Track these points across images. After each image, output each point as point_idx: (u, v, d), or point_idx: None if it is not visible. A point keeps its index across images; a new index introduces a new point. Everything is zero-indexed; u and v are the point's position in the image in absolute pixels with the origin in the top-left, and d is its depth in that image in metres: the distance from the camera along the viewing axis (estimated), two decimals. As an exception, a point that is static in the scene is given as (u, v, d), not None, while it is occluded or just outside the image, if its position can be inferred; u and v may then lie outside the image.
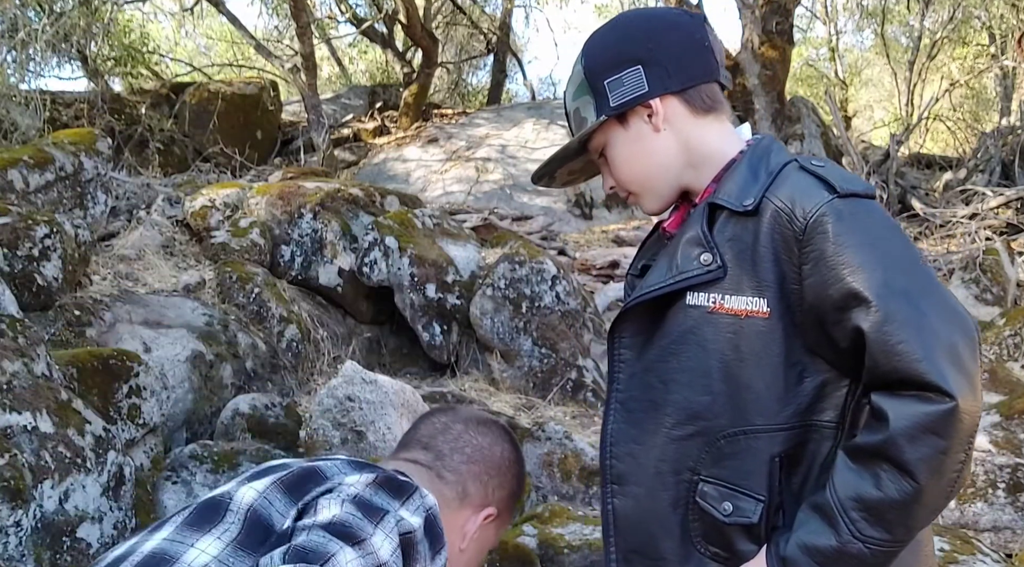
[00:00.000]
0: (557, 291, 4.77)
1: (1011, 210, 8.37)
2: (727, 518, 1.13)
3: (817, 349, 1.10)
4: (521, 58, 14.29)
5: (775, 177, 1.14)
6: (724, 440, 1.13)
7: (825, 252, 1.05)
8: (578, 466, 3.58)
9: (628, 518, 1.22)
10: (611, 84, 1.22)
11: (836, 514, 1.04)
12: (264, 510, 1.00)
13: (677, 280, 1.16)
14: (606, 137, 1.26)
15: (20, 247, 3.44)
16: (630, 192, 1.29)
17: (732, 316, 1.12)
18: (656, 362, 1.19)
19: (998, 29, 11.15)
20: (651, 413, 1.19)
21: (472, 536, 1.23)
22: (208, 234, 4.79)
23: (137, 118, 8.42)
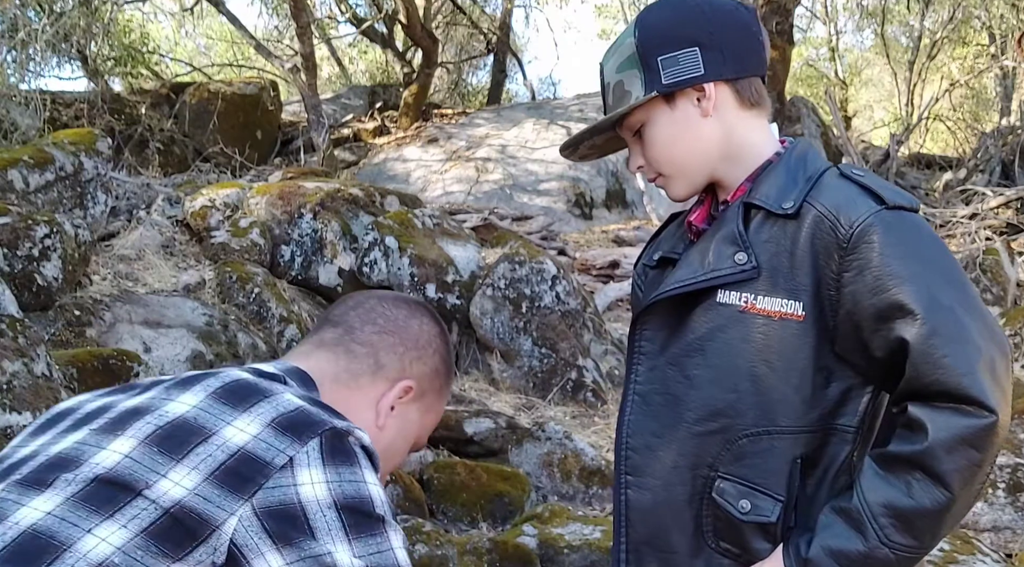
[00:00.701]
0: (557, 291, 4.77)
1: (1011, 210, 8.37)
2: (744, 516, 1.14)
3: (846, 355, 1.12)
4: (521, 58, 14.30)
5: (815, 182, 1.15)
6: (746, 438, 1.14)
7: (871, 262, 1.07)
8: (578, 466, 3.58)
9: (642, 510, 1.22)
10: (665, 62, 1.19)
11: (865, 520, 1.06)
12: (130, 472, 0.86)
13: (709, 277, 1.16)
14: (648, 115, 1.22)
15: (20, 247, 3.44)
16: (661, 174, 1.26)
17: (765, 317, 1.13)
18: (681, 357, 1.19)
19: (998, 29, 11.16)
20: (672, 407, 1.19)
21: (389, 412, 1.12)
22: (208, 234, 4.79)
23: (137, 118, 8.42)
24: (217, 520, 0.84)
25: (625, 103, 1.21)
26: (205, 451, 0.87)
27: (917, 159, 11.73)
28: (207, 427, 0.89)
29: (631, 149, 1.27)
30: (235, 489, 0.85)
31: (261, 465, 0.87)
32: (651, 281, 1.34)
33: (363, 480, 0.91)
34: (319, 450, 0.89)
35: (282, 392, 0.95)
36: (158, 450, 0.87)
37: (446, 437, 3.74)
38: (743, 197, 1.19)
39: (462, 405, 4.11)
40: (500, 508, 3.27)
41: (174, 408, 0.92)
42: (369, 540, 0.89)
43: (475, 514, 3.24)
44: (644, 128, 1.23)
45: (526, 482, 3.41)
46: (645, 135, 1.23)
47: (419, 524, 2.86)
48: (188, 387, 0.95)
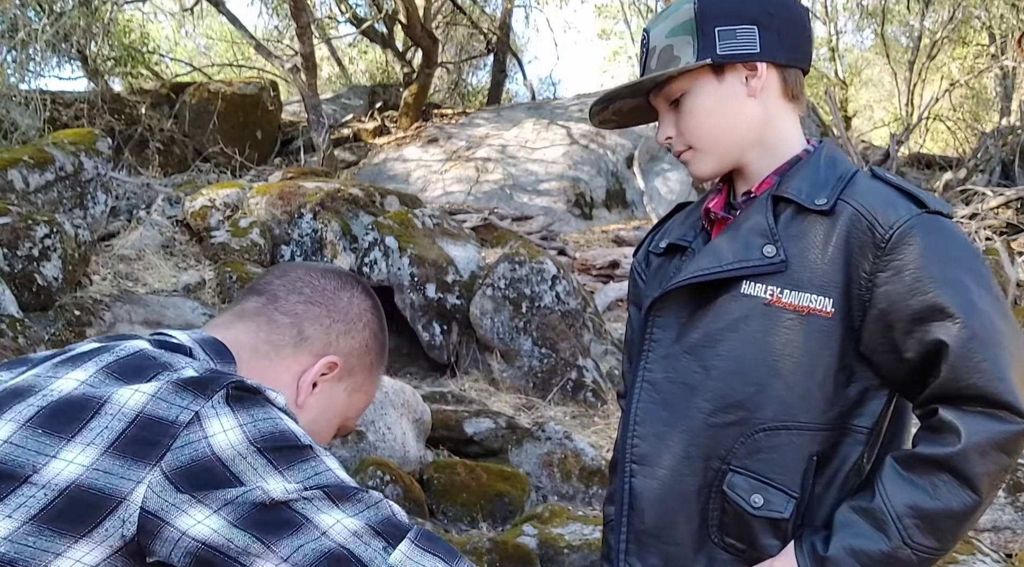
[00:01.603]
0: (557, 291, 4.77)
1: (1011, 210, 8.37)
2: (756, 510, 1.13)
3: (871, 355, 1.12)
4: (521, 58, 14.31)
5: (848, 182, 1.15)
6: (763, 433, 1.13)
7: (911, 263, 1.07)
8: (578, 466, 3.58)
9: (648, 499, 1.20)
10: (722, 33, 1.18)
11: (889, 520, 1.06)
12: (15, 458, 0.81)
13: (737, 267, 1.15)
14: (691, 84, 1.20)
15: (20, 247, 3.44)
16: (691, 147, 1.22)
17: (792, 311, 1.12)
18: (699, 346, 1.18)
19: (998, 29, 11.16)
20: (686, 396, 1.18)
21: (310, 388, 1.04)
22: (208, 234, 4.79)
23: (137, 118, 8.43)
24: (123, 492, 0.79)
25: (674, 67, 1.19)
26: (100, 424, 0.81)
27: (917, 159, 11.73)
28: (98, 397, 0.83)
29: (663, 119, 1.24)
30: (140, 456, 0.80)
31: (165, 426, 0.81)
32: (657, 269, 1.32)
33: (278, 417, 0.85)
34: (225, 399, 0.84)
35: (183, 366, 0.87)
36: (43, 431, 0.81)
37: (446, 437, 3.74)
38: (771, 190, 1.19)
39: (462, 405, 4.11)
40: (500, 508, 3.27)
41: (61, 385, 0.85)
42: (302, 466, 0.84)
43: (475, 514, 3.24)
44: (684, 98, 1.20)
45: (526, 482, 3.41)
46: (684, 105, 1.21)
47: (419, 524, 2.86)
48: (79, 363, 0.88)
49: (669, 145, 1.26)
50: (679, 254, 1.29)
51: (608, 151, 9.83)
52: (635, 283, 1.39)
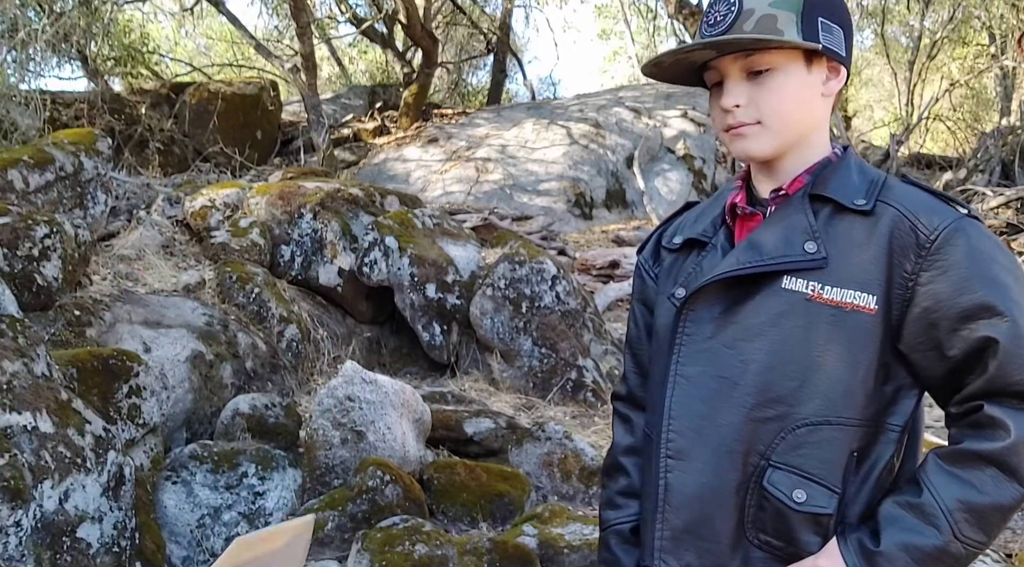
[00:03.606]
0: (557, 291, 4.77)
1: (1011, 210, 8.37)
2: (798, 506, 1.14)
3: (910, 352, 1.14)
4: (521, 58, 14.31)
5: (883, 185, 1.18)
6: (805, 428, 1.14)
7: (957, 263, 1.11)
8: (578, 466, 3.58)
9: (687, 495, 1.19)
10: (823, 25, 1.19)
11: (941, 515, 1.08)
12: None
13: (778, 262, 1.16)
14: (784, 63, 1.19)
15: (20, 247, 3.44)
16: (759, 122, 1.20)
17: (835, 307, 1.14)
18: (739, 340, 1.18)
19: (998, 29, 11.16)
20: (726, 390, 1.17)
21: None
22: (208, 234, 4.79)
23: (137, 118, 8.43)
24: None
25: (775, 36, 1.17)
26: None
27: (917, 159, 11.73)
28: None
29: (734, 85, 1.21)
30: None
31: None
32: (671, 266, 1.32)
33: None
34: None
35: None
36: None
37: (446, 437, 3.74)
38: (805, 189, 1.21)
39: (462, 405, 4.11)
40: (500, 508, 3.27)
41: None
42: None
43: (475, 514, 3.24)
44: (770, 73, 1.19)
45: (526, 482, 3.41)
46: (769, 81, 1.19)
47: (419, 524, 2.86)
48: None
49: (733, 114, 1.21)
50: (697, 250, 1.28)
51: (608, 151, 9.83)
52: (642, 280, 1.39)
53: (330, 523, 2.97)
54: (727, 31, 1.17)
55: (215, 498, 3.05)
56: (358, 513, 2.99)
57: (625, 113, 10.54)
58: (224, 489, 3.08)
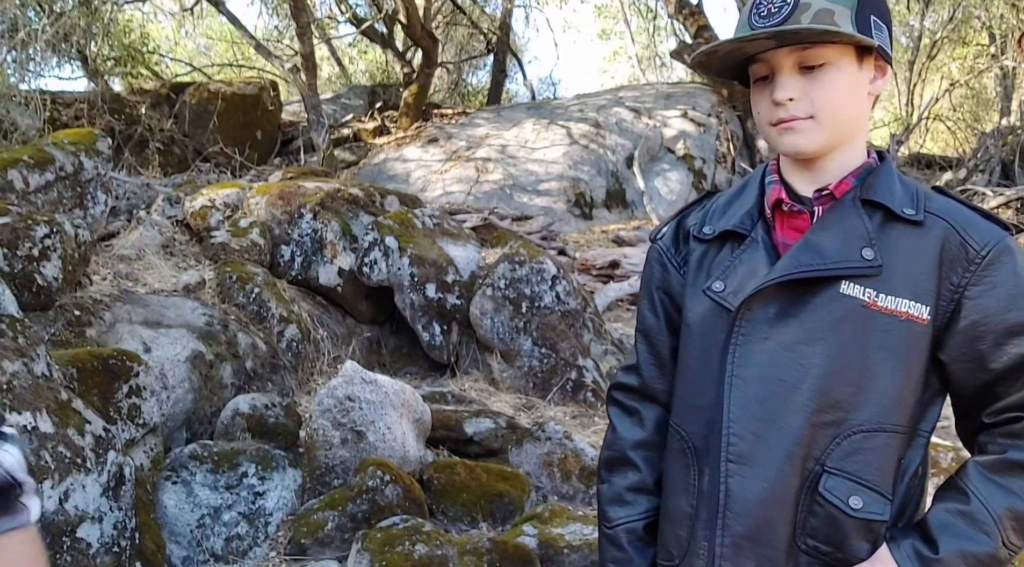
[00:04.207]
0: (557, 291, 4.77)
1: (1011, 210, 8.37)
2: (855, 513, 1.15)
3: (950, 362, 1.18)
4: (521, 58, 14.31)
5: (925, 197, 1.21)
6: (861, 434, 1.15)
7: (1006, 280, 1.15)
8: (578, 466, 3.58)
9: (749, 501, 1.17)
10: (876, 24, 1.19)
11: (992, 523, 1.12)
12: None
13: (840, 266, 1.16)
14: (838, 58, 1.18)
15: (20, 247, 3.43)
16: (811, 117, 1.19)
17: (889, 315, 1.15)
18: (799, 343, 1.17)
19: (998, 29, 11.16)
20: (786, 394, 1.16)
21: None
22: (208, 234, 4.79)
23: (137, 118, 8.43)
24: None
25: (832, 28, 1.15)
26: None
27: (917, 159, 11.73)
28: None
29: (786, 78, 1.19)
30: None
31: None
32: (703, 256, 1.28)
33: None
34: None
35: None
36: None
37: (446, 437, 3.74)
38: (854, 193, 1.21)
39: (462, 405, 4.11)
40: (500, 508, 3.27)
41: None
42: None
43: (475, 514, 3.24)
44: (825, 68, 1.18)
45: (526, 482, 3.41)
46: (824, 76, 1.18)
47: (419, 524, 2.86)
48: None
49: (787, 106, 1.20)
50: (732, 242, 1.26)
51: (608, 151, 9.83)
52: (663, 268, 1.35)
53: (330, 523, 2.97)
54: (783, 23, 1.15)
55: (215, 498, 3.05)
56: (358, 513, 2.99)
57: (625, 113, 10.54)
58: (224, 489, 3.08)
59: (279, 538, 3.03)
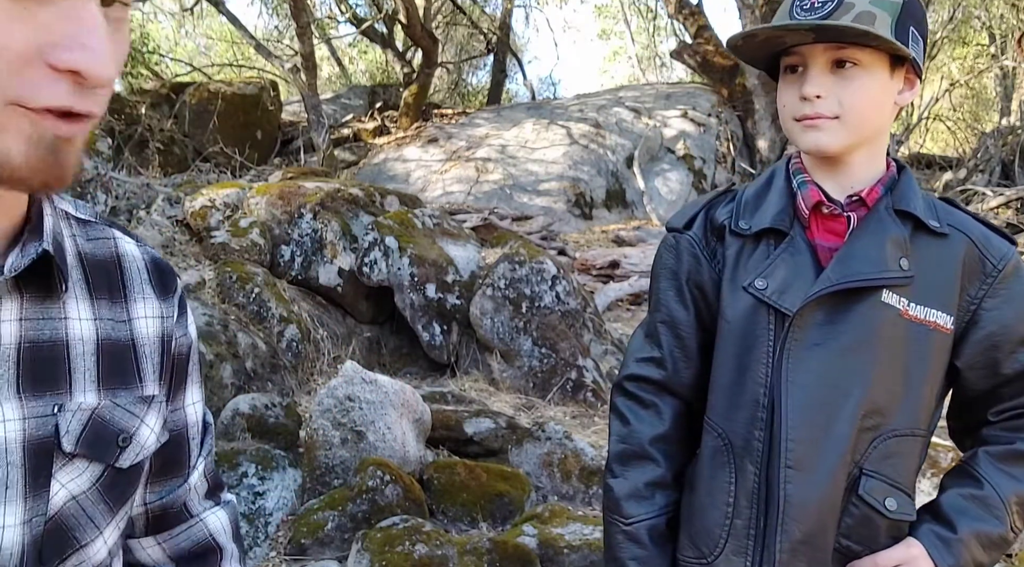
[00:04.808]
0: (557, 291, 4.77)
1: (1011, 210, 8.37)
2: (891, 514, 1.20)
3: (966, 369, 1.24)
4: (521, 58, 14.31)
5: (942, 208, 1.27)
6: (895, 438, 1.20)
7: (1021, 294, 1.23)
8: (578, 466, 3.58)
9: (806, 507, 1.18)
10: (913, 35, 1.20)
11: (1003, 508, 1.20)
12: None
13: (884, 276, 1.19)
14: (872, 61, 1.18)
15: (20, 247, 3.43)
16: (837, 117, 1.20)
17: (918, 324, 1.20)
18: (851, 350, 1.19)
19: (998, 29, 11.16)
20: (838, 401, 1.19)
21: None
22: (208, 234, 4.79)
23: (137, 118, 8.43)
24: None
25: (873, 31, 1.15)
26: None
27: (917, 159, 11.73)
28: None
29: (817, 75, 1.19)
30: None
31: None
32: (741, 252, 1.27)
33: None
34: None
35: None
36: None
37: (446, 437, 3.74)
38: (888, 202, 1.23)
39: (462, 405, 4.11)
40: (500, 508, 3.27)
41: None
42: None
43: (475, 514, 3.24)
44: (857, 69, 1.18)
45: (526, 482, 3.41)
46: (855, 77, 1.18)
47: (419, 524, 2.86)
48: None
49: (813, 103, 1.20)
50: (769, 240, 1.26)
51: (608, 151, 9.83)
52: (696, 260, 1.32)
53: (330, 523, 2.97)
54: (826, 18, 1.15)
55: (215, 498, 3.05)
56: (358, 513, 2.99)
57: (625, 113, 10.54)
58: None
59: (279, 538, 3.03)
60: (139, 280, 0.84)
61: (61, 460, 0.73)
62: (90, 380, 0.76)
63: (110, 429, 0.77)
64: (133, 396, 0.80)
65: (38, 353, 0.72)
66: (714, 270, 1.31)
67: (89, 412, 0.75)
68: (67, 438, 0.73)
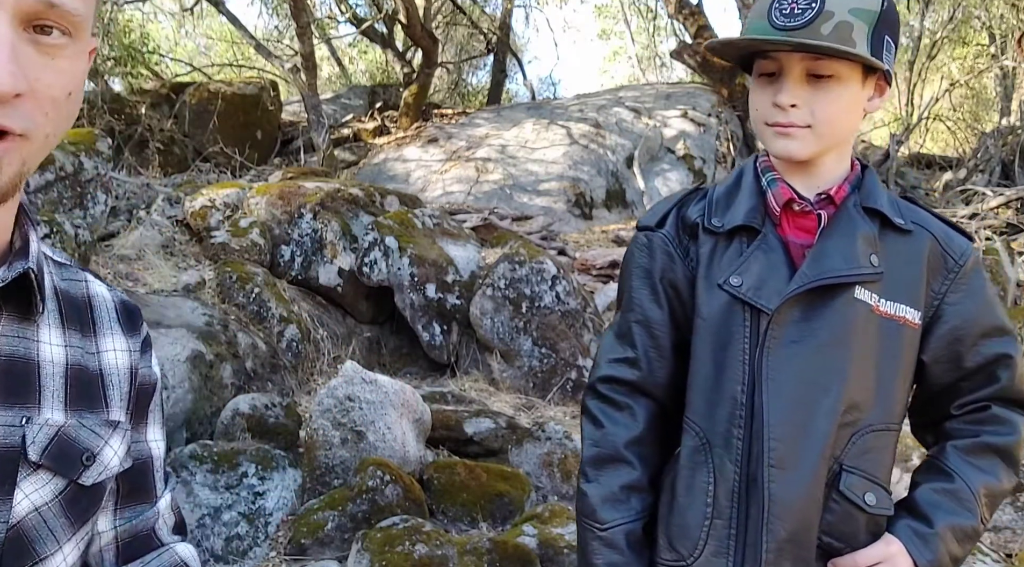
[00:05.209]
0: (557, 291, 4.77)
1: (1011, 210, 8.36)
2: (871, 509, 1.21)
3: (932, 363, 1.26)
4: (521, 58, 14.30)
5: (904, 206, 1.29)
6: (871, 433, 1.21)
7: (981, 288, 1.26)
8: (578, 466, 3.58)
9: (790, 505, 1.18)
10: (887, 44, 1.20)
11: (974, 500, 1.22)
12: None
13: (857, 272, 1.20)
14: (846, 73, 1.19)
15: (20, 247, 3.43)
16: (809, 126, 1.20)
17: (891, 320, 1.21)
18: (827, 346, 1.19)
19: (998, 29, 11.15)
20: (817, 398, 1.18)
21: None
22: (208, 234, 4.79)
23: (137, 118, 8.42)
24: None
25: (847, 45, 1.16)
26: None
27: (917, 159, 11.72)
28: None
29: (792, 84, 1.20)
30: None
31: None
32: (715, 250, 1.27)
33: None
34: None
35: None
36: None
37: (446, 437, 3.74)
38: (856, 200, 1.25)
39: (462, 405, 4.11)
40: (500, 508, 3.27)
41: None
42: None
43: (475, 514, 3.24)
44: (832, 81, 1.19)
45: (526, 482, 3.41)
46: (830, 88, 1.19)
47: (419, 524, 2.86)
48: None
49: (787, 112, 1.20)
50: (741, 237, 1.26)
51: (608, 151, 9.83)
52: (670, 259, 1.32)
53: (330, 523, 2.97)
54: (804, 27, 1.16)
55: (215, 498, 3.05)
56: (358, 513, 2.99)
57: (625, 113, 10.54)
58: (224, 489, 3.08)
59: (279, 538, 3.03)
60: (108, 318, 0.90)
61: (26, 470, 0.75)
62: (58, 400, 0.79)
63: (75, 447, 0.80)
64: (99, 419, 0.83)
65: (12, 367, 0.75)
66: (688, 268, 1.30)
67: (56, 428, 0.78)
68: (33, 448, 0.75)
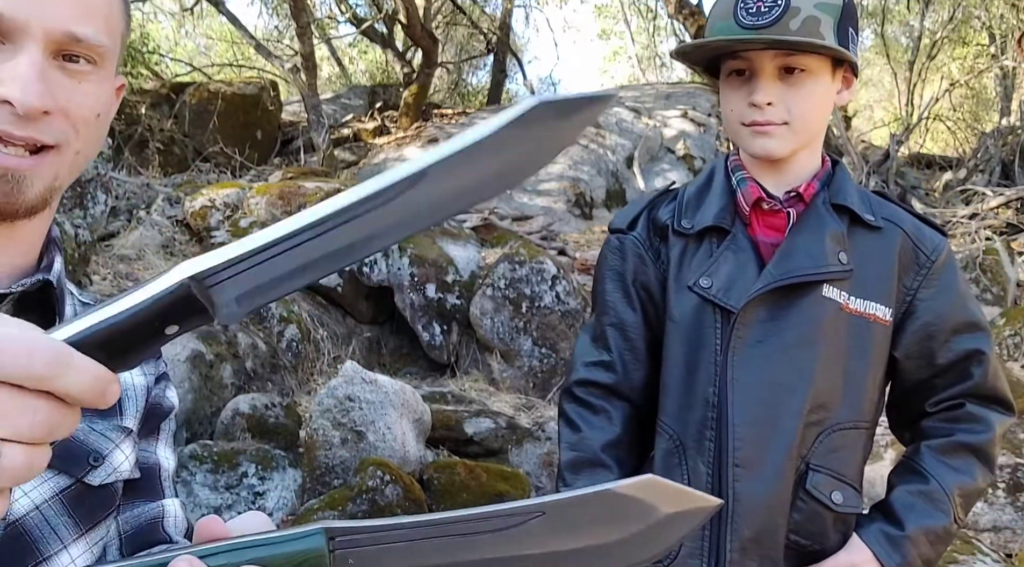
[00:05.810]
0: (557, 291, 4.77)
1: (1011, 210, 8.36)
2: (838, 507, 1.20)
3: (904, 359, 1.25)
4: (521, 58, 14.30)
5: (876, 201, 1.27)
6: (839, 432, 1.20)
7: (954, 284, 1.25)
8: (578, 466, 3.58)
9: (754, 504, 1.18)
10: (852, 36, 1.21)
11: (947, 501, 1.20)
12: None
13: (824, 271, 1.19)
14: (815, 67, 1.19)
15: (20, 247, 3.43)
16: (785, 123, 1.20)
17: (861, 317, 1.20)
18: (793, 347, 1.19)
19: (998, 29, 11.15)
20: (783, 398, 1.18)
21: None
22: (208, 234, 4.79)
23: (137, 118, 8.42)
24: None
25: (816, 39, 1.16)
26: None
27: (917, 159, 11.72)
28: None
29: (767, 82, 1.20)
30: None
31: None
32: (685, 252, 1.27)
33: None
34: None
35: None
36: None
37: (446, 437, 3.74)
38: (825, 197, 1.24)
39: (462, 405, 4.11)
40: (500, 508, 3.27)
41: None
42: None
43: (475, 514, 3.24)
44: (803, 75, 1.19)
45: (526, 482, 3.41)
46: (803, 84, 1.20)
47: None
48: None
49: (764, 110, 1.20)
50: (712, 238, 1.26)
51: (608, 151, 9.83)
52: (641, 261, 1.32)
53: (330, 523, 2.97)
54: (773, 24, 1.16)
55: (215, 498, 3.05)
56: (358, 513, 2.99)
57: (625, 113, 10.54)
58: (224, 489, 3.08)
59: (279, 538, 3.03)
60: None
61: None
62: None
63: (82, 448, 0.80)
64: (111, 424, 0.84)
65: None
66: (659, 270, 1.31)
67: None
68: None
